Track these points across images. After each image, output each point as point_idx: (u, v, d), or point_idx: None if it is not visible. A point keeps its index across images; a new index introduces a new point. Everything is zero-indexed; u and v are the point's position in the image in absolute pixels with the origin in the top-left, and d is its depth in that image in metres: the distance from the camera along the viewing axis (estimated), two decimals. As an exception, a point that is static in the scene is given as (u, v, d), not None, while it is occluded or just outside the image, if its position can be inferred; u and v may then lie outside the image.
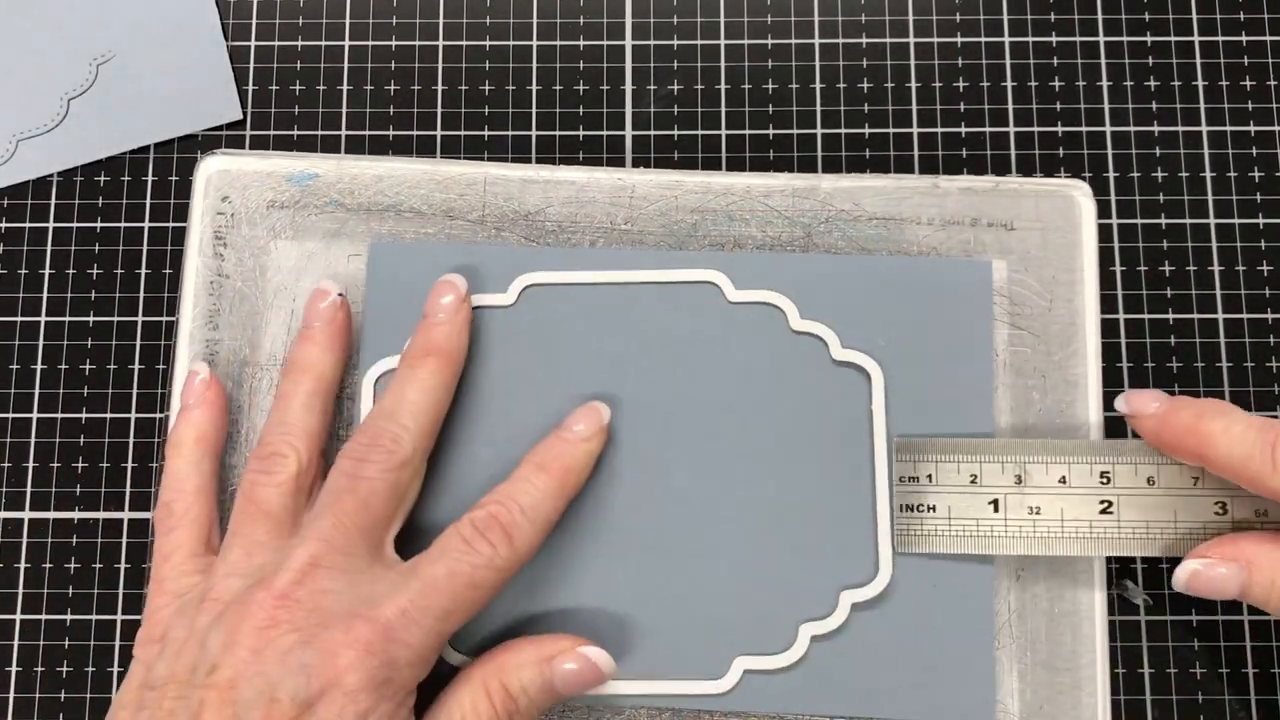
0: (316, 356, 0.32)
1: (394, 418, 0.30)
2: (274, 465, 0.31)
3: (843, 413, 0.32)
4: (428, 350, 0.32)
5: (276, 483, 0.30)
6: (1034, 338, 0.33)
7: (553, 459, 0.31)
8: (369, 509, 0.29)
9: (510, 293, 0.33)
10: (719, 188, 0.34)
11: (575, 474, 0.31)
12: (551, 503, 0.30)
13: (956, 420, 0.32)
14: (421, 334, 0.32)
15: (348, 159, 0.35)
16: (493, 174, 0.35)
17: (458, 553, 0.28)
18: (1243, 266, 0.37)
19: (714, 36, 0.39)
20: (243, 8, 0.40)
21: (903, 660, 0.31)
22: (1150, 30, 0.39)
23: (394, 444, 0.30)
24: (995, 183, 0.34)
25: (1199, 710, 0.35)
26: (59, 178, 0.39)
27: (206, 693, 0.26)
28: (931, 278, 0.33)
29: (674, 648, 0.31)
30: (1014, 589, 0.32)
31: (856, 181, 0.34)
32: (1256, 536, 0.30)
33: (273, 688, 0.26)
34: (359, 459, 0.30)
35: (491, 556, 0.29)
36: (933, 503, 0.31)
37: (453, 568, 0.28)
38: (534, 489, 0.30)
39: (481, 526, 0.29)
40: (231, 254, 0.34)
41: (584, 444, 0.31)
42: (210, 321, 0.34)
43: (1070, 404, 0.32)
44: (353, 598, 0.28)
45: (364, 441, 0.30)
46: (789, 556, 0.32)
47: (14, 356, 0.37)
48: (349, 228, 0.34)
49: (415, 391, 0.31)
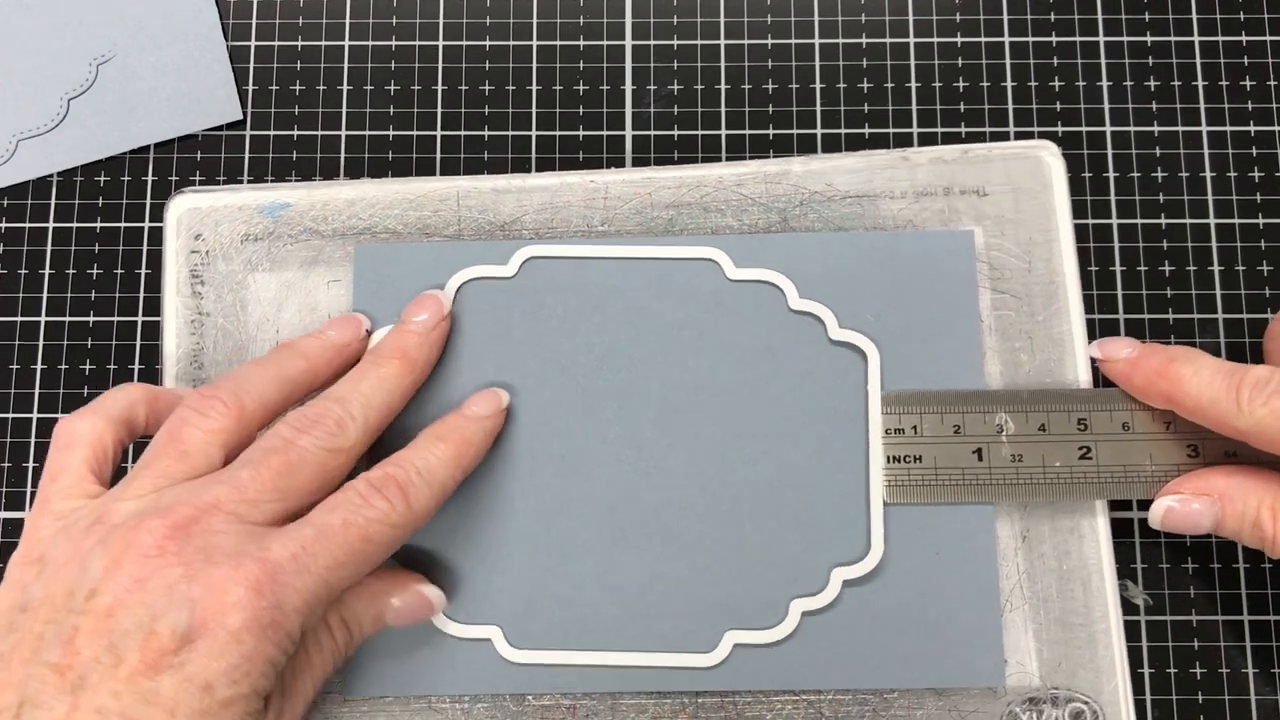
0: (318, 351, 0.32)
1: (344, 404, 0.30)
2: (210, 408, 0.29)
3: (839, 392, 0.32)
4: (395, 352, 0.31)
5: (207, 426, 0.29)
6: (1016, 300, 0.33)
7: (450, 431, 0.31)
8: (291, 475, 0.28)
9: (511, 264, 0.33)
10: (691, 180, 0.34)
11: (473, 446, 0.31)
12: (447, 470, 0.30)
13: (948, 389, 0.32)
14: (393, 336, 0.32)
15: (318, 186, 0.35)
16: (464, 187, 0.34)
17: (354, 505, 0.28)
18: (1243, 266, 0.37)
19: (714, 36, 0.39)
20: (243, 8, 0.40)
21: (907, 630, 0.31)
22: (1150, 30, 0.39)
23: (338, 427, 0.29)
24: (964, 150, 0.34)
25: (1199, 710, 0.35)
26: (59, 178, 0.39)
27: (82, 619, 0.25)
28: (916, 250, 0.33)
29: (666, 622, 0.32)
30: (1021, 550, 0.32)
31: (827, 162, 0.34)
32: (1226, 470, 0.30)
33: (153, 619, 0.25)
34: (299, 429, 0.29)
35: (387, 512, 0.28)
36: (919, 453, 0.32)
37: (348, 518, 0.28)
38: (430, 455, 0.30)
39: (378, 484, 0.28)
40: (210, 291, 0.34)
41: (483, 420, 0.31)
42: (195, 360, 0.34)
43: (1059, 361, 0.33)
44: (243, 540, 0.27)
45: (309, 415, 0.29)
46: (783, 534, 0.32)
47: (14, 356, 0.37)
48: (325, 254, 0.34)
49: (371, 386, 0.30)
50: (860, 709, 0.31)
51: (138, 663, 0.25)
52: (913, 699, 0.31)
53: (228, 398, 0.29)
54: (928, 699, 0.31)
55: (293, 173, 0.38)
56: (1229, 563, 0.36)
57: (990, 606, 0.31)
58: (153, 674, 0.25)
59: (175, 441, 0.29)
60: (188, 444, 0.29)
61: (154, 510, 0.27)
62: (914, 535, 0.32)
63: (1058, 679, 0.31)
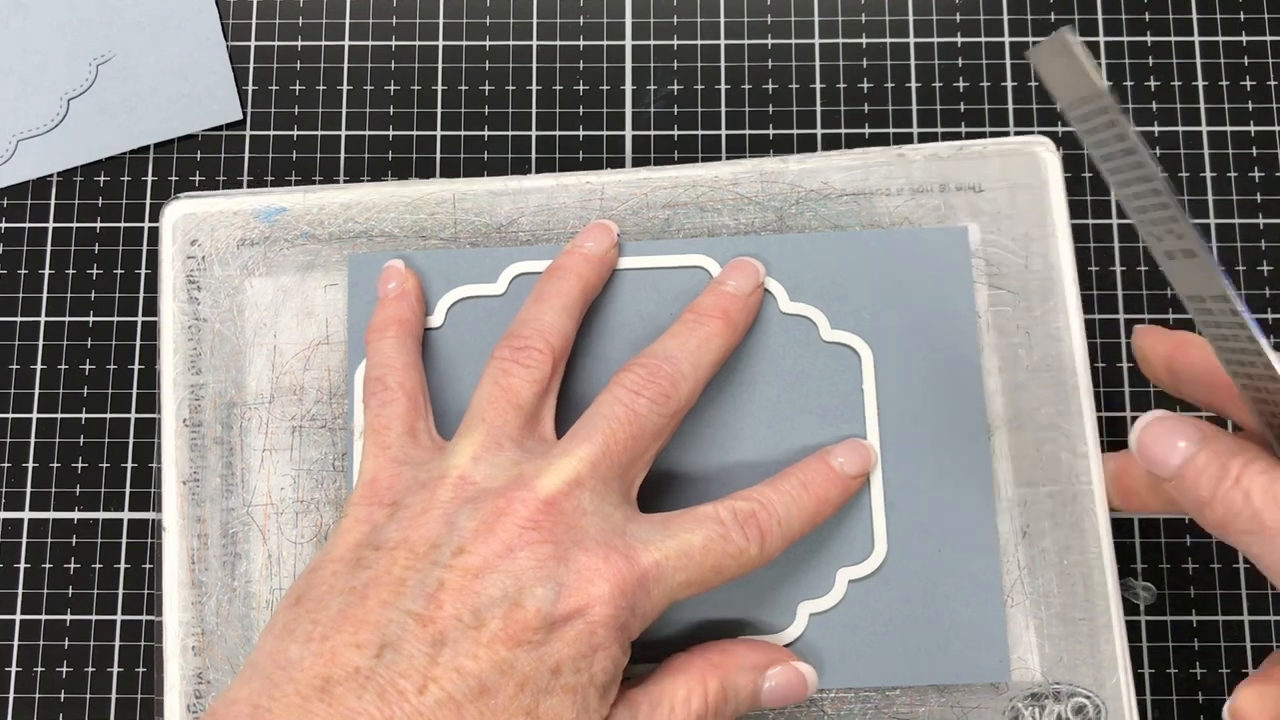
0: (584, 266, 0.31)
1: (674, 362, 0.29)
2: (528, 358, 0.29)
3: (834, 392, 0.32)
4: (717, 312, 0.31)
5: (531, 377, 0.29)
6: (1014, 295, 0.33)
7: (816, 482, 0.29)
8: (634, 445, 0.28)
9: (500, 282, 0.33)
10: (687, 180, 0.34)
11: (831, 506, 0.30)
12: (801, 525, 0.29)
13: (946, 387, 0.32)
14: (713, 296, 0.31)
15: (313, 190, 0.35)
16: (460, 190, 0.34)
17: (716, 533, 0.27)
18: (1243, 266, 0.37)
19: (714, 36, 0.39)
20: (243, 8, 0.40)
21: (911, 629, 0.31)
22: (1150, 30, 0.39)
23: (672, 387, 0.29)
24: (959, 147, 0.34)
25: (1199, 710, 0.35)
26: (59, 178, 0.39)
27: (448, 573, 0.25)
28: (909, 248, 0.33)
29: (673, 629, 0.32)
30: (1021, 546, 0.32)
31: (824, 160, 0.34)
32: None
33: (520, 592, 0.25)
34: (634, 391, 0.28)
35: (743, 549, 0.27)
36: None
37: (708, 544, 0.27)
38: (793, 505, 0.29)
39: (742, 519, 0.28)
40: (207, 296, 0.34)
41: (850, 482, 0.30)
42: (193, 366, 0.34)
43: (1056, 356, 0.33)
44: (606, 527, 0.27)
45: (642, 375, 0.29)
46: None
47: (14, 356, 0.37)
48: (322, 258, 0.34)
49: (698, 343, 0.30)
50: (863, 706, 0.31)
51: (499, 631, 0.25)
52: (915, 696, 0.31)
53: (540, 343, 0.29)
54: (930, 696, 0.31)
55: (292, 173, 0.38)
56: (1229, 563, 0.36)
57: (994, 602, 0.31)
58: (511, 646, 0.25)
59: (506, 393, 0.29)
60: (519, 395, 0.29)
61: (519, 481, 0.27)
62: (916, 533, 0.32)
63: (1059, 674, 0.31)
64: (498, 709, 0.24)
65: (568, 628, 0.25)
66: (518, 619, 0.25)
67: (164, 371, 0.34)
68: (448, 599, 0.25)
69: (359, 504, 0.28)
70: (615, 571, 0.26)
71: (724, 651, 0.29)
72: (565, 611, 0.25)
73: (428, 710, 0.24)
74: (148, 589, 0.36)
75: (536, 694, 0.25)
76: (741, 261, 0.32)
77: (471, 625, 0.25)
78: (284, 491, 0.33)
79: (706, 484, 0.32)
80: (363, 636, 0.25)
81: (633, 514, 0.28)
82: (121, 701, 0.35)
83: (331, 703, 0.23)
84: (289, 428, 0.33)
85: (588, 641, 0.25)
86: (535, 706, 0.25)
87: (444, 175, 0.39)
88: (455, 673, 0.24)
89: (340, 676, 0.24)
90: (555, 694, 0.25)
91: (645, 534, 0.27)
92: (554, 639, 0.25)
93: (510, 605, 0.25)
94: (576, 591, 0.25)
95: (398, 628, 0.25)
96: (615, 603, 0.26)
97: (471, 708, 0.24)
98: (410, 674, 0.24)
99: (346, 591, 0.26)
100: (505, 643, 0.25)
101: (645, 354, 0.30)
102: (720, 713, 0.28)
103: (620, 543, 0.27)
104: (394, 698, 0.24)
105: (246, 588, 0.32)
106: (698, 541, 0.27)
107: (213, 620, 0.32)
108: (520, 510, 0.26)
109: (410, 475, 0.28)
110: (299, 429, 0.33)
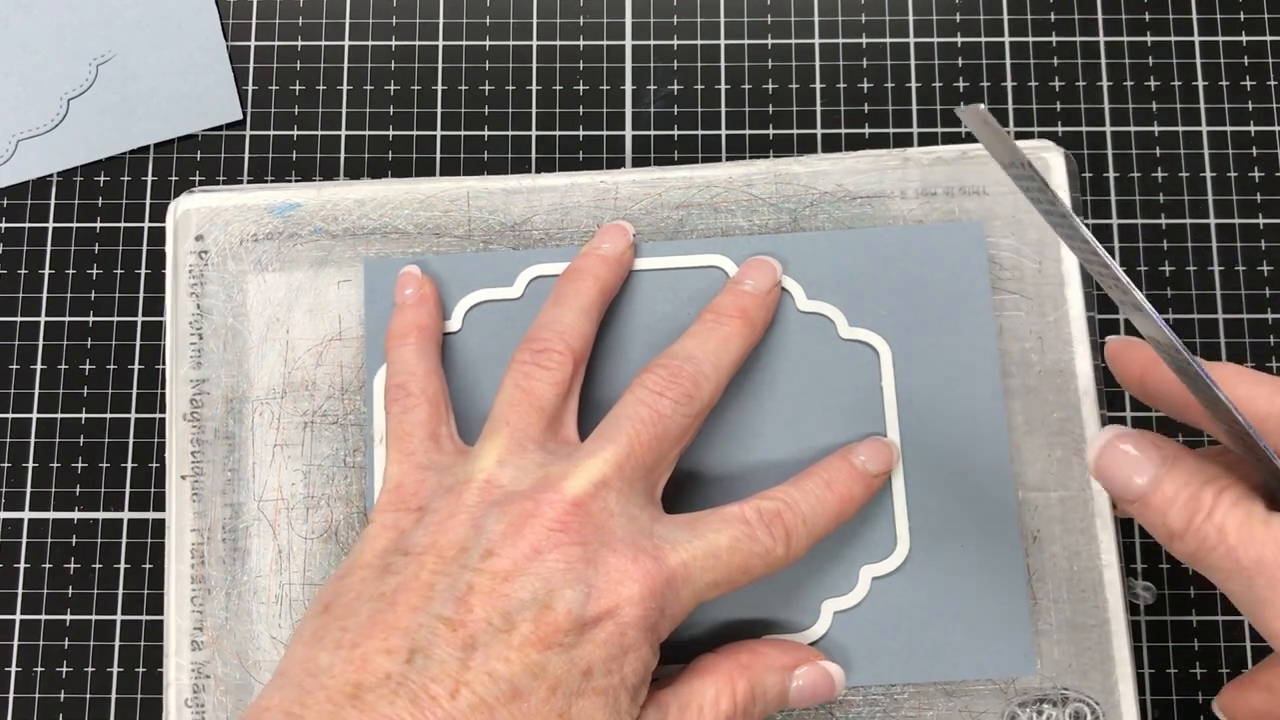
0: (601, 268, 0.31)
1: (695, 363, 0.29)
2: (549, 360, 0.29)
3: (853, 389, 0.32)
4: (736, 311, 0.31)
5: (553, 380, 0.29)
6: (1026, 300, 0.33)
7: (840, 481, 0.29)
8: (659, 446, 0.28)
9: (517, 285, 0.33)
10: (701, 181, 0.34)
11: (855, 505, 0.30)
12: (825, 525, 0.29)
13: (964, 383, 0.32)
14: (732, 296, 0.31)
15: (327, 186, 0.34)
16: (475, 188, 0.34)
17: (742, 532, 0.27)
18: (1243, 266, 0.37)
19: (714, 36, 0.39)
20: (243, 8, 0.40)
21: (936, 625, 0.31)
22: (1150, 30, 0.39)
23: (694, 387, 0.29)
24: (962, 150, 0.34)
25: (1199, 710, 0.35)
26: (59, 178, 0.39)
27: (477, 577, 0.25)
28: (925, 244, 0.33)
29: (699, 630, 0.31)
30: (1031, 550, 0.32)
31: (836, 163, 0.34)
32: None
33: (550, 594, 0.25)
34: (657, 392, 0.28)
35: (770, 549, 0.27)
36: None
37: (734, 544, 0.27)
38: (818, 504, 0.29)
39: (768, 519, 0.28)
40: (218, 291, 0.34)
41: (873, 481, 0.30)
42: (196, 362, 0.34)
43: (1069, 362, 0.33)
44: (633, 529, 0.27)
45: (664, 376, 0.29)
46: None
47: (14, 356, 0.38)
48: (335, 254, 0.34)
49: (718, 343, 0.30)
50: (870, 709, 0.31)
51: (530, 634, 0.25)
52: (923, 699, 0.31)
53: (560, 345, 0.29)
54: (938, 699, 0.31)
55: (293, 173, 0.38)
56: (1229, 563, 0.36)
57: (1018, 596, 0.31)
58: (542, 649, 0.25)
59: (528, 395, 0.29)
60: (541, 398, 0.29)
61: (545, 483, 0.27)
62: (939, 528, 0.32)
63: (1068, 680, 0.31)
64: (530, 712, 0.24)
65: (598, 629, 0.25)
66: (548, 621, 0.25)
67: (170, 366, 0.34)
68: (477, 603, 0.25)
69: (385, 510, 0.28)
70: (644, 573, 0.26)
71: (752, 652, 0.29)
72: (595, 613, 0.25)
73: (460, 715, 0.24)
74: (148, 589, 0.36)
75: (568, 696, 0.25)
76: (758, 260, 0.32)
77: (502, 629, 0.25)
78: (295, 487, 0.33)
79: (729, 483, 0.32)
80: (393, 642, 0.25)
81: (658, 515, 0.28)
82: (121, 701, 0.35)
83: (364, 709, 0.23)
84: (300, 423, 0.33)
85: (618, 643, 0.25)
86: (568, 709, 0.25)
87: (444, 175, 0.39)
88: (487, 676, 0.24)
89: (371, 683, 0.24)
90: (587, 696, 0.25)
91: (672, 535, 0.27)
92: (585, 641, 0.25)
93: (540, 608, 0.25)
94: (606, 593, 0.25)
95: (428, 633, 0.25)
96: (645, 604, 0.26)
97: (504, 711, 0.24)
98: (442, 679, 0.24)
99: (375, 598, 0.26)
100: (536, 645, 0.25)
101: (666, 355, 0.30)
102: (749, 713, 0.28)
103: (648, 544, 0.27)
104: (426, 703, 0.24)
105: (255, 582, 0.32)
106: (724, 542, 0.27)
107: (220, 615, 0.32)
108: (548, 512, 0.26)
109: (435, 480, 0.28)
110: (310, 424, 0.33)
